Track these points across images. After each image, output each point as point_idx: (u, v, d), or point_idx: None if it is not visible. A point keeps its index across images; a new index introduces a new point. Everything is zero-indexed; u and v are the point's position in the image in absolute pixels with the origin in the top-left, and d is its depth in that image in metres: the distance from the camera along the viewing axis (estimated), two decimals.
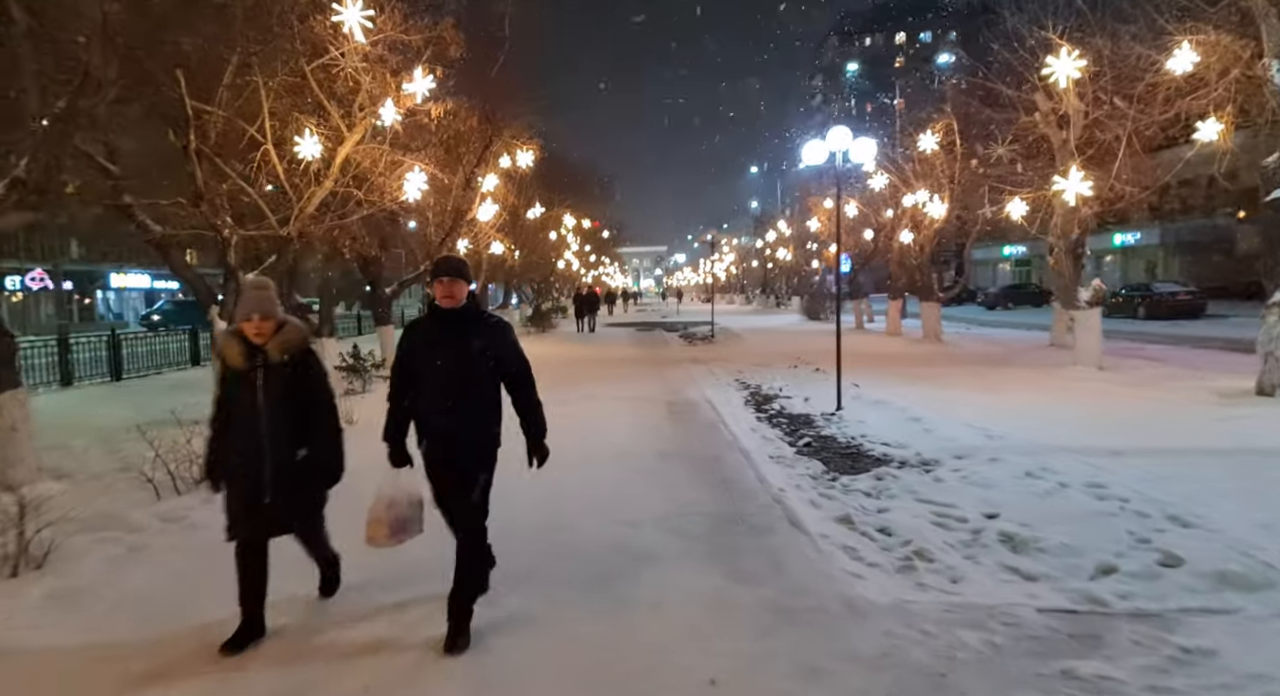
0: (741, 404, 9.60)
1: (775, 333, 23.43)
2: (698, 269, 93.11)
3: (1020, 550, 3.96)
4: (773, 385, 11.03)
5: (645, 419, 8.39)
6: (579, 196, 31.78)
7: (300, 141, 8.45)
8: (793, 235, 35.66)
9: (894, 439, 6.89)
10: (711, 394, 10.31)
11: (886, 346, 16.86)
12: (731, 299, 62.11)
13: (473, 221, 18.40)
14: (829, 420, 8.16)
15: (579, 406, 9.28)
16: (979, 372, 11.58)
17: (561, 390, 10.83)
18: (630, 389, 10.93)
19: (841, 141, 8.55)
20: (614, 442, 7.08)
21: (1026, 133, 11.25)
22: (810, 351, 15.92)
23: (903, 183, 18.22)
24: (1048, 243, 11.32)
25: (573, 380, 12.11)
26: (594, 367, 14.19)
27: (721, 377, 12.20)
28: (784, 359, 14.62)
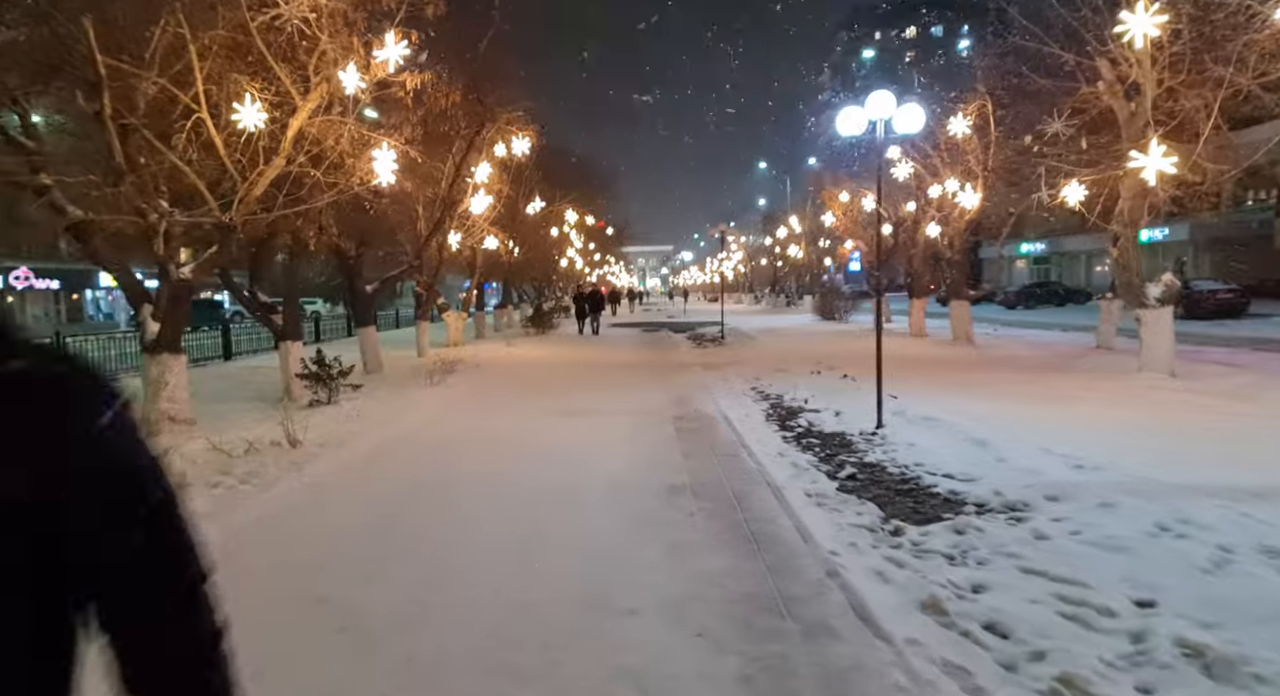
0: (762, 419, 8.23)
1: (789, 334, 22.02)
2: (704, 267, 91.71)
3: (1224, 678, 2.58)
4: (795, 395, 9.65)
5: (650, 440, 7.03)
6: (583, 190, 30.45)
7: (240, 109, 7.12)
8: (804, 231, 34.25)
9: (958, 469, 5.51)
10: (727, 406, 8.94)
11: (915, 349, 15.45)
12: (739, 298, 60.67)
13: (465, 214, 17.11)
14: (870, 441, 6.78)
15: (572, 424, 7.93)
16: (1031, 380, 10.16)
17: (553, 401, 9.49)
18: (633, 400, 9.57)
19: (883, 107, 7.17)
20: (610, 473, 5.72)
21: (1087, 105, 9.84)
22: (831, 355, 14.53)
23: (929, 171, 16.82)
24: (1112, 232, 9.90)
25: (568, 388, 10.76)
26: (593, 373, 12.84)
27: (736, 386, 10.83)
28: (803, 363, 13.24)
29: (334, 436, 7.07)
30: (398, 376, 11.91)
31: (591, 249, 45.57)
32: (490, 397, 10.05)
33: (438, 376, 11.17)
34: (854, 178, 24.35)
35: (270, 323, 10.52)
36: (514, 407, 9.12)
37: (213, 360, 15.75)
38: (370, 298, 13.79)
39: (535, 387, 11.04)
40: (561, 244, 32.61)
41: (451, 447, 6.76)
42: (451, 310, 19.93)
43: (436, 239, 16.94)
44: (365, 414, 8.36)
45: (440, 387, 10.56)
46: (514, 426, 7.84)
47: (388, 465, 6.08)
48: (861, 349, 15.97)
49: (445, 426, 7.93)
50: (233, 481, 5.36)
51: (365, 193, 10.11)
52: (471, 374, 12.41)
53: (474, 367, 13.54)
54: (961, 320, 15.91)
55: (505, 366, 14.07)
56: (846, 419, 7.97)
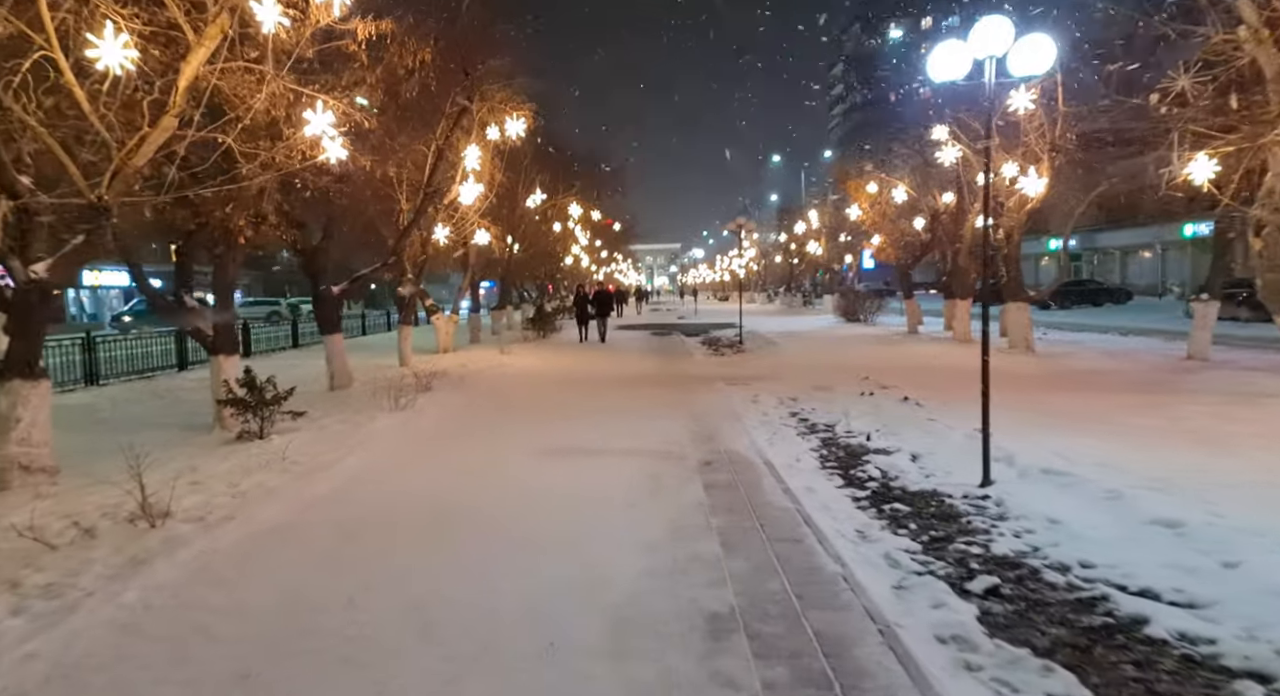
0: (816, 464, 6.19)
1: (814, 338, 19.95)
2: (714, 266, 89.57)
3: None
4: (850, 426, 7.60)
5: (668, 509, 4.99)
6: (588, 182, 28.45)
7: (100, 44, 5.11)
8: (824, 226, 32.12)
9: (1163, 580, 3.47)
10: (765, 443, 6.92)
11: (969, 359, 13.33)
12: (752, 297, 58.54)
13: (453, 204, 15.14)
14: (983, 511, 4.74)
15: (560, 474, 5.90)
16: (1144, 406, 8.06)
17: (540, 433, 7.47)
18: (644, 432, 7.54)
19: (995, 40, 5.11)
20: (608, 586, 3.67)
21: (1219, 58, 7.73)
22: (873, 367, 12.47)
23: (979, 154, 14.71)
24: (1251, 215, 7.78)
25: (562, 413, 8.74)
26: (595, 391, 10.82)
27: (770, 410, 8.79)
28: (844, 378, 11.19)
29: (227, 499, 5.08)
30: (362, 396, 9.93)
31: (598, 246, 43.58)
32: (461, 428, 8.05)
33: (408, 396, 9.19)
34: (881, 165, 22.27)
35: (197, 332, 8.55)
36: (488, 444, 7.11)
37: (163, 371, 13.82)
38: (336, 300, 11.81)
39: (521, 412, 9.04)
40: (566, 240, 30.60)
41: (377, 525, 4.74)
42: (441, 313, 17.96)
43: (418, 231, 14.98)
44: (293, 456, 6.37)
45: (406, 413, 8.56)
46: (480, 480, 5.82)
47: (269, 564, 4.05)
48: (906, 359, 13.90)
49: (386, 479, 5.93)
50: (9, 601, 3.36)
51: (313, 174, 8.17)
52: (450, 392, 10.42)
53: (457, 382, 11.55)
54: (1020, 325, 13.80)
55: (492, 381, 12.07)
56: (931, 466, 5.93)
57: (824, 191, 34.70)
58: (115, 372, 12.92)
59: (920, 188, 20.86)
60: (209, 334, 8.51)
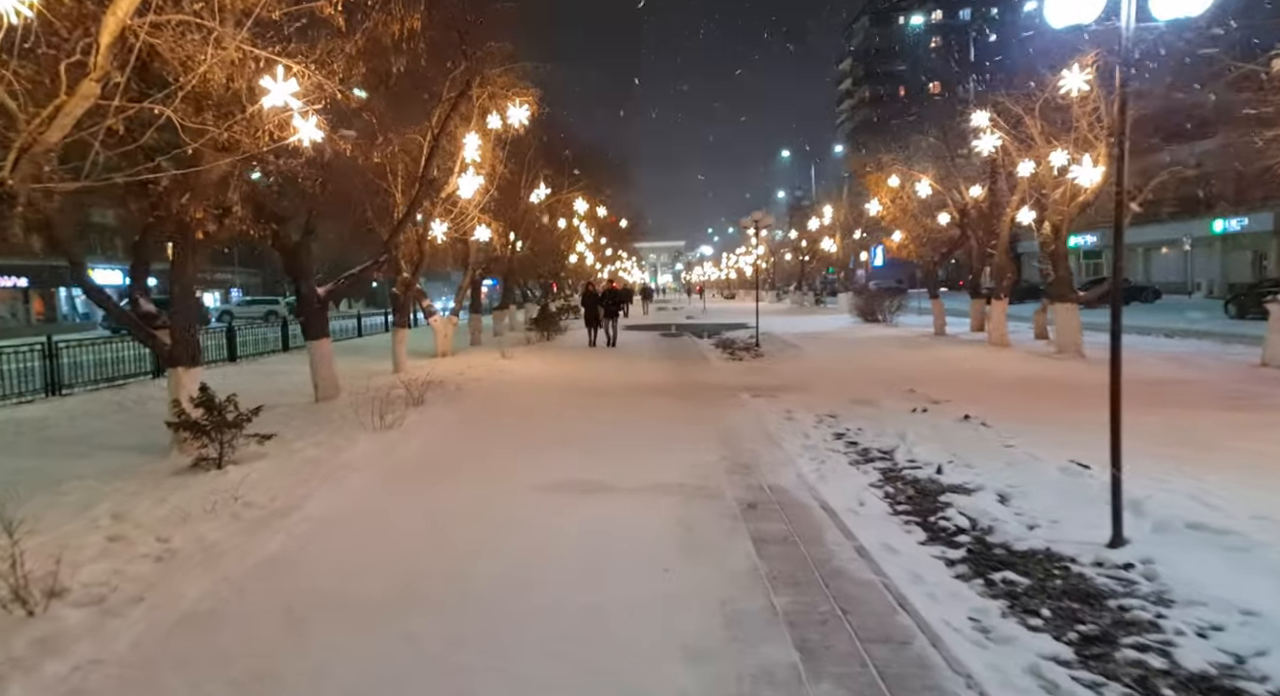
0: (885, 509, 5.05)
1: (835, 340, 18.82)
2: (720, 264, 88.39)
3: None
4: (913, 453, 6.46)
5: (714, 577, 3.86)
6: (593, 177, 27.32)
7: None
8: (839, 222, 30.94)
9: None
10: (814, 475, 5.80)
11: (1013, 365, 12.20)
12: (760, 296, 57.40)
13: (452, 197, 14.04)
14: (1129, 586, 3.61)
15: (566, 523, 4.76)
16: (1258, 425, 6.90)
17: (543, 461, 6.33)
18: (666, 460, 6.41)
19: None
20: None
21: None
22: (914, 375, 11.33)
23: (1022, 142, 13.54)
24: None
25: (568, 435, 7.60)
26: (605, 405, 9.69)
27: (809, 429, 7.65)
28: (882, 387, 10.07)
29: (147, 565, 3.98)
30: (347, 410, 8.83)
31: (603, 243, 42.45)
32: (453, 455, 6.93)
33: (396, 413, 8.08)
34: (902, 157, 21.11)
35: (152, 340, 7.45)
36: (482, 478, 5.98)
37: (137, 378, 12.73)
38: (321, 302, 10.70)
39: (522, 432, 7.91)
40: (570, 237, 29.47)
41: (332, 606, 3.63)
42: (439, 314, 16.86)
43: (413, 226, 13.88)
44: (249, 494, 5.26)
45: (392, 434, 7.45)
46: (469, 532, 4.69)
47: (171, 686, 2.94)
48: (944, 365, 12.67)
49: (355, 530, 4.80)
50: None
51: (284, 158, 7.09)
52: (444, 405, 9.30)
53: (453, 392, 10.44)
54: (1069, 328, 12.63)
55: (492, 391, 10.95)
56: (1029, 511, 4.79)
57: (838, 186, 33.50)
58: (82, 380, 11.85)
59: (945, 181, 19.75)
60: (166, 342, 7.42)
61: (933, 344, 16.86)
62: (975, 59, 22.73)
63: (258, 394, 11.45)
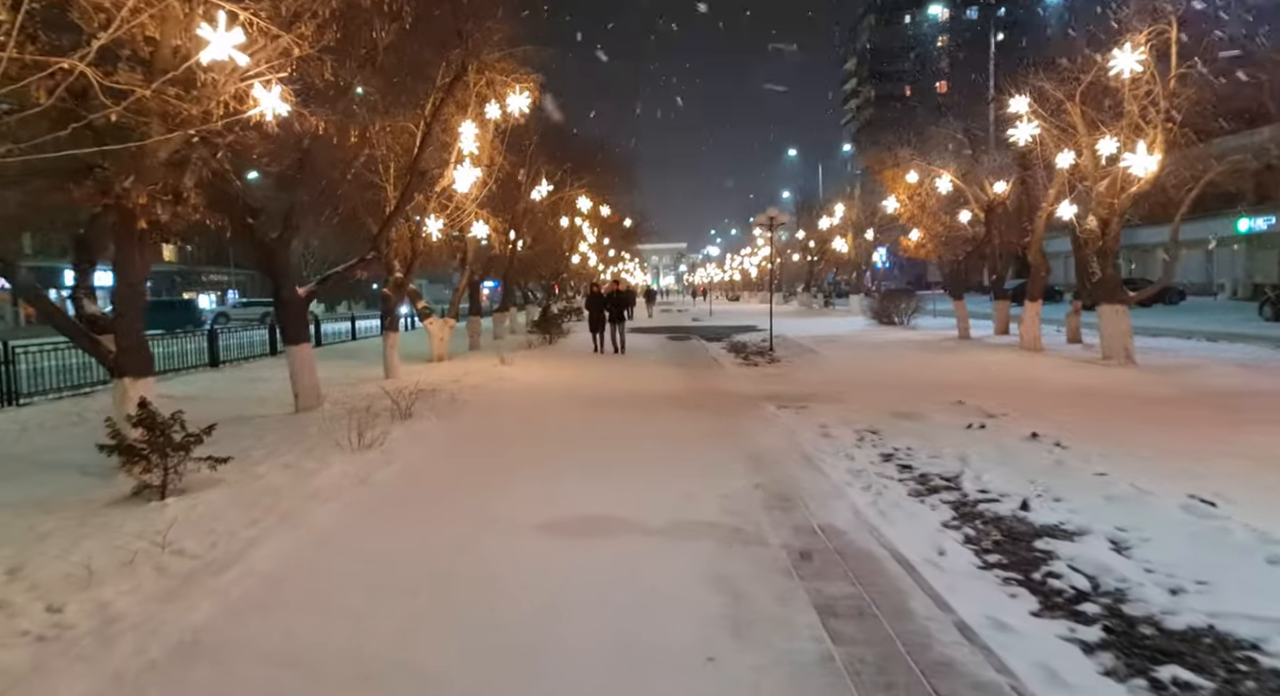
0: (972, 561, 4.03)
1: (854, 344, 17.81)
2: (723, 265, 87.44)
3: None
4: (979, 479, 5.46)
5: (773, 672, 2.86)
6: (596, 175, 26.34)
7: None
8: (851, 220, 29.93)
9: None
10: (872, 510, 4.79)
11: (1065, 374, 11.14)
12: (765, 297, 56.45)
13: (448, 191, 13.08)
14: None
15: (572, 581, 3.73)
16: None
17: (544, 494, 5.24)
18: (691, 489, 5.40)
19: None
20: None
21: None
22: (950, 382, 10.32)
23: (1064, 130, 12.53)
24: None
25: (572, 456, 6.56)
26: (611, 417, 8.68)
27: (851, 448, 6.64)
28: (923, 396, 9.06)
29: (16, 651, 2.98)
30: (325, 424, 7.83)
31: (606, 244, 41.47)
32: (438, 482, 5.91)
33: (379, 428, 7.09)
34: (920, 152, 20.09)
35: (95, 347, 6.47)
36: (469, 514, 4.97)
37: (105, 386, 11.72)
38: (301, 303, 9.71)
39: (519, 452, 6.89)
40: (573, 237, 28.48)
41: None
42: (435, 317, 15.88)
43: (406, 222, 12.90)
44: (185, 537, 4.27)
45: (371, 454, 6.45)
46: (449, 596, 3.67)
47: None
48: (980, 371, 11.49)
49: (302, 593, 3.80)
50: None
51: (242, 134, 6.13)
52: (434, 419, 8.30)
53: (446, 403, 9.45)
54: (1118, 332, 11.60)
55: (488, 401, 9.95)
56: (1161, 565, 3.78)
57: (850, 183, 32.46)
58: (43, 388, 10.88)
59: (968, 176, 18.77)
60: (110, 350, 6.44)
61: (959, 348, 15.84)
62: (1005, 42, 21.64)
63: (234, 403, 10.51)
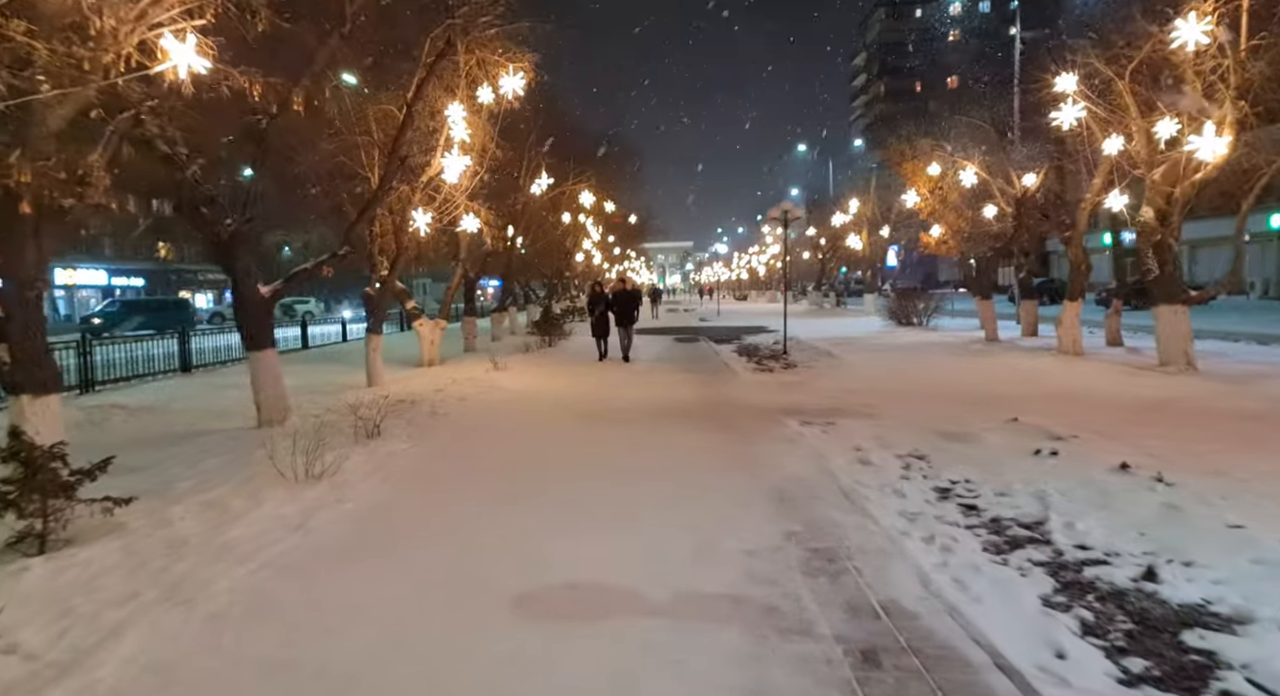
0: (1109, 670, 2.88)
1: (874, 347, 16.64)
2: (730, 264, 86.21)
3: None
4: (1073, 528, 4.31)
5: None
6: (598, 169, 25.21)
7: None
8: (867, 216, 28.73)
9: None
10: (943, 576, 3.65)
11: (1123, 384, 9.93)
12: (774, 296, 55.18)
13: (434, 182, 12.00)
14: None
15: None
16: None
17: (526, 549, 3.96)
18: (705, 542, 4.26)
19: None
20: None
21: None
22: (994, 393, 9.15)
23: (1111, 113, 11.33)
24: None
25: (562, 491, 5.39)
26: (609, 438, 7.52)
27: (896, 478, 5.49)
28: (963, 407, 7.91)
29: None
30: (282, 443, 6.69)
31: (611, 241, 40.33)
32: (391, 527, 4.78)
33: (337, 454, 5.99)
34: (944, 144, 18.89)
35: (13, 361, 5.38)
36: (421, 578, 3.82)
37: None
38: (264, 303, 8.62)
39: (496, 486, 5.74)
40: (576, 233, 27.33)
41: None
42: (425, 318, 14.79)
43: (388, 214, 11.81)
44: (28, 627, 3.17)
45: (320, 488, 5.34)
46: None
47: None
48: (1022, 379, 10.12)
49: None
50: None
51: (158, 100, 5.06)
52: (405, 439, 7.19)
53: (424, 418, 8.35)
54: (1178, 335, 10.40)
55: (473, 414, 8.82)
56: None
57: (864, 178, 31.24)
58: None
59: (994, 167, 17.59)
60: (3, 360, 5.35)
61: (990, 351, 14.65)
62: (1047, 16, 20.28)
63: (191, 415, 9.40)
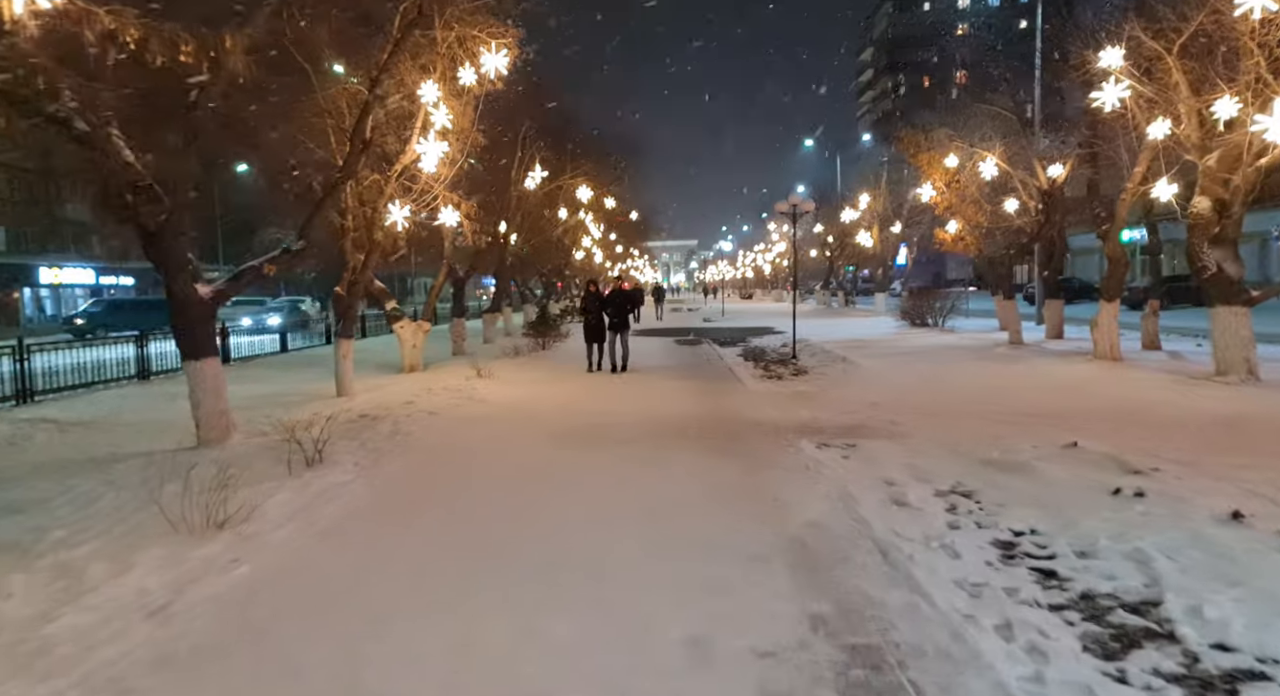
0: None
1: (889, 350, 15.48)
2: (735, 262, 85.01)
3: None
4: (1200, 616, 3.19)
5: None
6: (597, 163, 24.08)
7: None
8: (878, 212, 27.55)
9: None
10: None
11: (1179, 395, 8.75)
12: (780, 296, 54.02)
13: (410, 171, 10.93)
14: None
15: None
16: None
17: (429, 656, 2.94)
18: (696, 638, 3.15)
19: None
20: None
21: None
22: (1037, 407, 8.00)
23: (1159, 91, 10.16)
24: None
25: (505, 559, 4.19)
26: (587, 470, 6.39)
27: (943, 527, 4.36)
28: (1007, 426, 6.79)
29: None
30: (203, 473, 5.61)
31: (614, 240, 39.18)
32: (291, 605, 3.67)
33: (260, 488, 4.90)
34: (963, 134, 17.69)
35: None
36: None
37: None
38: (201, 305, 7.52)
39: (441, 538, 4.62)
40: (575, 231, 26.19)
41: None
42: (406, 320, 13.71)
43: (358, 206, 10.71)
44: None
45: (218, 542, 4.24)
46: None
47: None
48: (1070, 391, 8.66)
49: None
50: None
51: None
52: (352, 469, 6.08)
53: (384, 438, 7.26)
54: (1237, 340, 9.22)
55: (437, 435, 7.69)
56: None
57: (874, 172, 30.04)
58: None
59: (1015, 159, 16.45)
60: None
61: (1019, 356, 13.49)
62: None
63: (126, 432, 8.16)
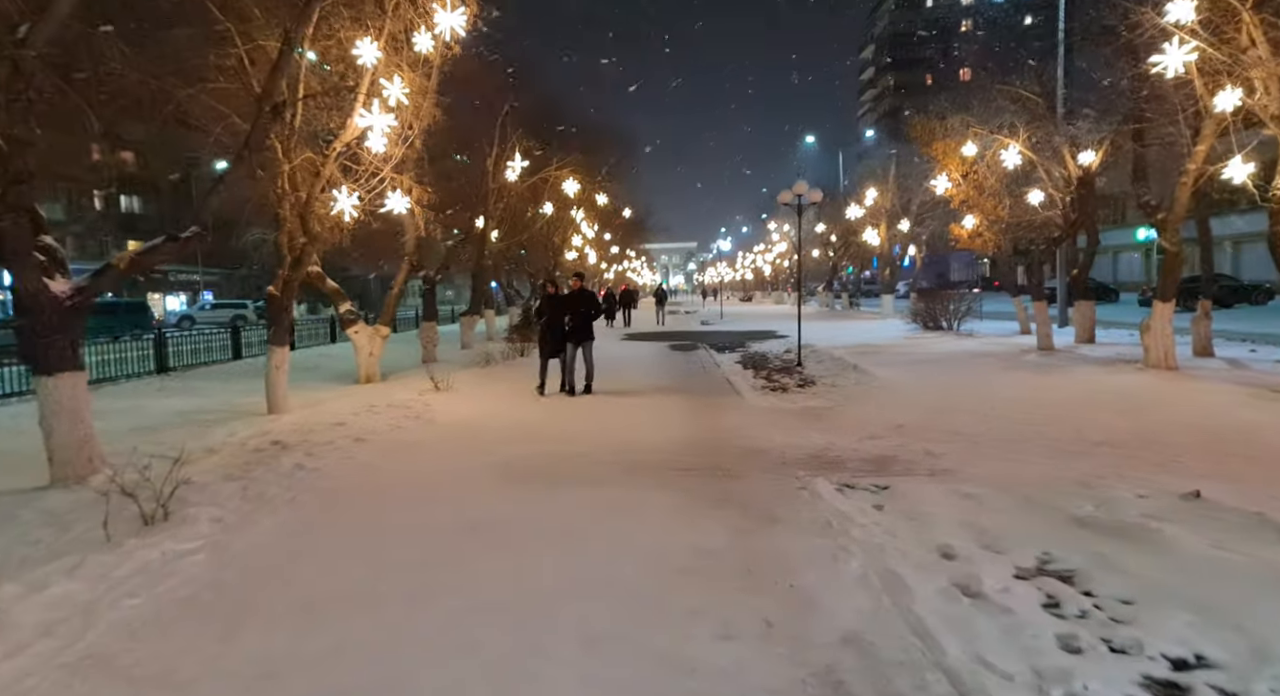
0: None
1: (905, 357, 13.86)
2: (734, 264, 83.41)
3: None
4: None
5: None
6: (591, 156, 22.51)
7: None
8: (881, 208, 25.96)
9: None
10: None
11: (1267, 412, 7.15)
12: (780, 297, 52.43)
13: (351, 148, 9.38)
14: None
15: None
16: None
17: None
18: None
19: None
20: None
21: None
22: (1099, 427, 6.35)
23: (1228, 55, 8.58)
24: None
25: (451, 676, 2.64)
26: (538, 524, 4.75)
27: (1054, 648, 2.76)
28: (1080, 457, 5.20)
29: None
30: (29, 532, 4.01)
31: (608, 238, 37.58)
32: None
33: (54, 566, 3.30)
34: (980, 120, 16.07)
35: None
36: None
37: None
38: (59, 306, 5.92)
39: (299, 653, 3.01)
40: (565, 228, 24.57)
41: None
42: (362, 324, 12.11)
43: (288, 191, 9.10)
44: None
45: None
46: None
47: None
48: (1134, 409, 6.80)
49: None
50: None
51: None
52: (206, 528, 4.46)
53: (280, 477, 5.65)
54: None
55: (354, 472, 6.04)
56: None
57: (880, 166, 28.47)
58: None
59: (1040, 145, 14.94)
60: None
61: (1055, 364, 11.88)
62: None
63: None
